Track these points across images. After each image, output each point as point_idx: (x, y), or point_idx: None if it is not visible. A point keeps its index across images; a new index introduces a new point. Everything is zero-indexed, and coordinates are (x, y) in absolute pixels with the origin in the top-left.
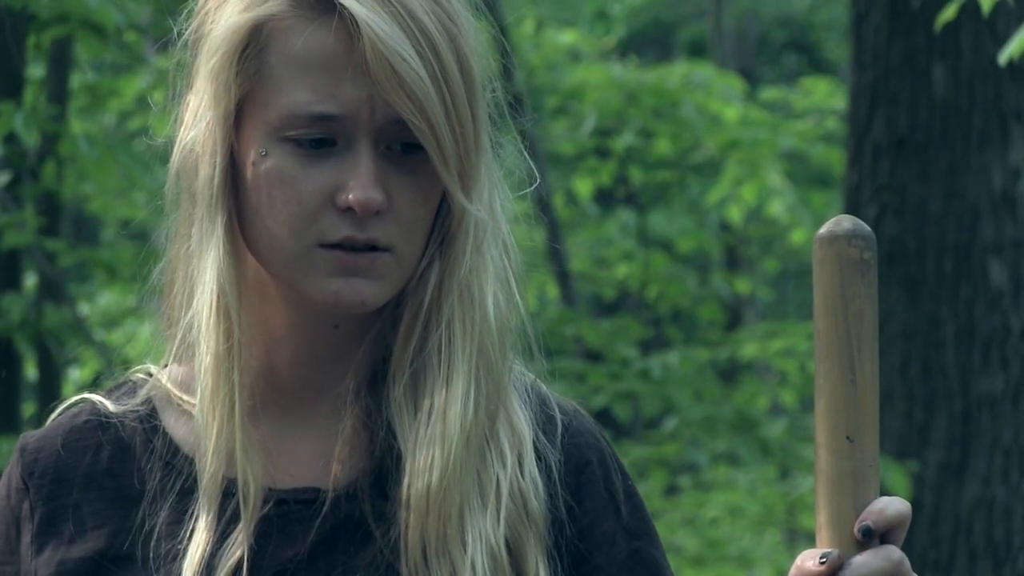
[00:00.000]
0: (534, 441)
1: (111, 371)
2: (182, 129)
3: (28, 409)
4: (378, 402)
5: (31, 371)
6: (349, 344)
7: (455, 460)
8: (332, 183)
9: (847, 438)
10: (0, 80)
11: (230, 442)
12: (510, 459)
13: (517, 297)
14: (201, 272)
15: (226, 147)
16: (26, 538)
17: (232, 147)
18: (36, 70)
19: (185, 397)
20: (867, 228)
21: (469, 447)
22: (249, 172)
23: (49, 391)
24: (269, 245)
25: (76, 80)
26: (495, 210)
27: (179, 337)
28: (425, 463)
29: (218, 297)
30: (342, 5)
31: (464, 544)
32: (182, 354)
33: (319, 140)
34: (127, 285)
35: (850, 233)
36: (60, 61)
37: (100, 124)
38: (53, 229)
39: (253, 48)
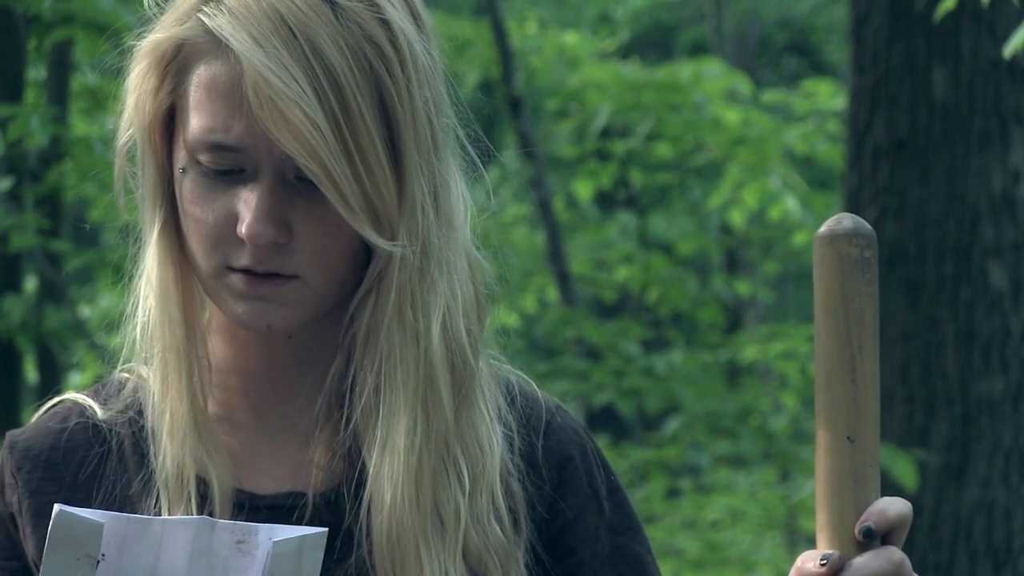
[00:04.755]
0: (514, 440)
1: (111, 375)
2: (117, 135)
3: (28, 415)
4: (348, 420)
5: (32, 374)
6: (312, 351)
7: (403, 498)
8: (234, 211)
9: (847, 438)
10: (2, 82)
11: (188, 438)
12: (470, 486)
13: (464, 327)
14: (143, 275)
15: (154, 155)
16: (21, 531)
17: (166, 156)
18: (34, 72)
19: None
20: (868, 226)
21: (420, 482)
22: (175, 186)
23: (49, 396)
24: (194, 257)
25: (76, 83)
26: (447, 241)
27: (139, 335)
28: (378, 498)
29: (155, 299)
30: (227, 44)
31: None
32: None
33: (227, 170)
34: (128, 287)
35: (851, 232)
36: (60, 64)
37: (101, 127)
38: (55, 231)
39: (173, 66)
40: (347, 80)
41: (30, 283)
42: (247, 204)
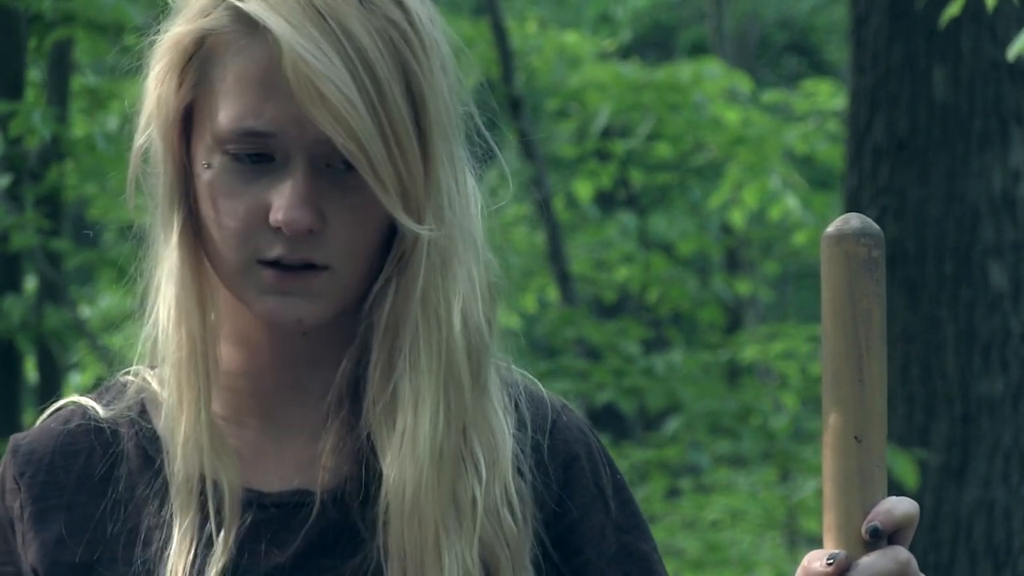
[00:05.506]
0: (521, 444)
1: (112, 375)
2: (136, 134)
3: (28, 417)
4: (359, 414)
5: (32, 374)
6: (324, 349)
7: (426, 482)
8: (266, 200)
9: (855, 438)
10: (2, 82)
11: (198, 448)
12: (485, 475)
13: (482, 314)
14: (160, 278)
15: (172, 155)
16: (19, 537)
17: (184, 155)
18: (34, 72)
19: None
20: (875, 226)
21: (441, 467)
22: (197, 182)
23: (49, 396)
24: (217, 255)
25: (76, 83)
26: (464, 227)
27: (152, 340)
28: (398, 485)
29: (175, 303)
30: (265, 25)
31: (441, 567)
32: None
33: (257, 155)
34: (129, 287)
35: (858, 231)
36: (60, 63)
37: (102, 126)
38: (55, 231)
39: (196, 59)
40: (378, 62)
41: (30, 283)
42: (281, 192)
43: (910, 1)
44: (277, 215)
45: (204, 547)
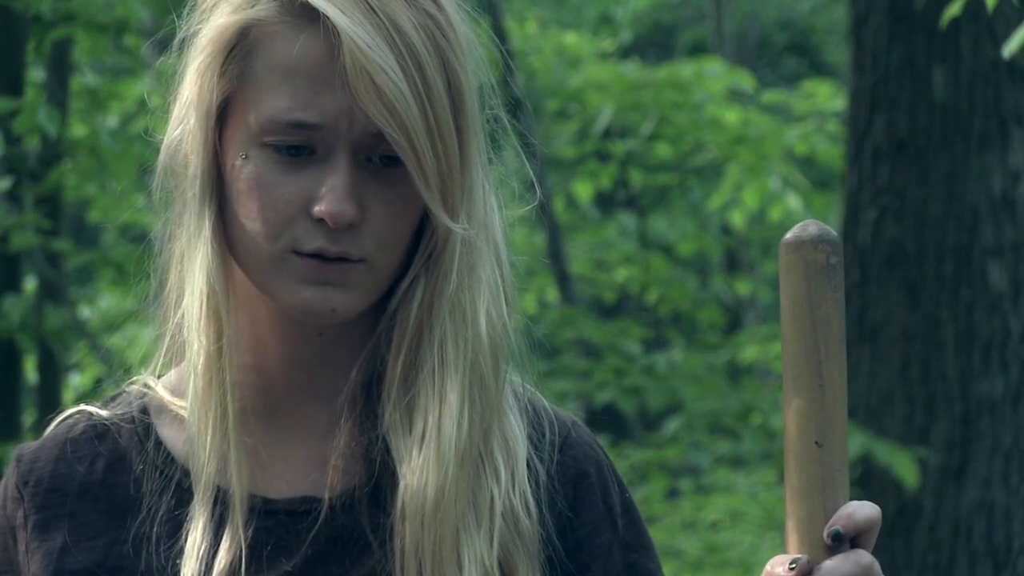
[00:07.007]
0: (531, 454)
1: (112, 376)
2: (168, 128)
3: (28, 417)
4: (372, 417)
5: (32, 374)
6: (336, 350)
7: (450, 481)
8: (308, 192)
9: (816, 443)
10: (2, 82)
11: (222, 447)
12: (504, 476)
13: (505, 315)
14: (190, 272)
15: (208, 147)
16: (21, 546)
17: (216, 148)
18: (33, 73)
19: (179, 403)
20: (833, 233)
21: (464, 467)
22: (230, 175)
23: (49, 397)
24: (247, 248)
25: (76, 83)
26: (489, 227)
27: (170, 337)
28: (420, 484)
29: (207, 297)
30: (325, 15)
31: (460, 566)
32: (175, 354)
33: (297, 147)
34: (130, 287)
35: (816, 238)
36: (60, 64)
37: (102, 126)
38: (55, 231)
39: (239, 51)
40: (424, 56)
41: (30, 283)
42: (325, 184)
43: (910, 1)
44: (322, 207)
45: (212, 552)
